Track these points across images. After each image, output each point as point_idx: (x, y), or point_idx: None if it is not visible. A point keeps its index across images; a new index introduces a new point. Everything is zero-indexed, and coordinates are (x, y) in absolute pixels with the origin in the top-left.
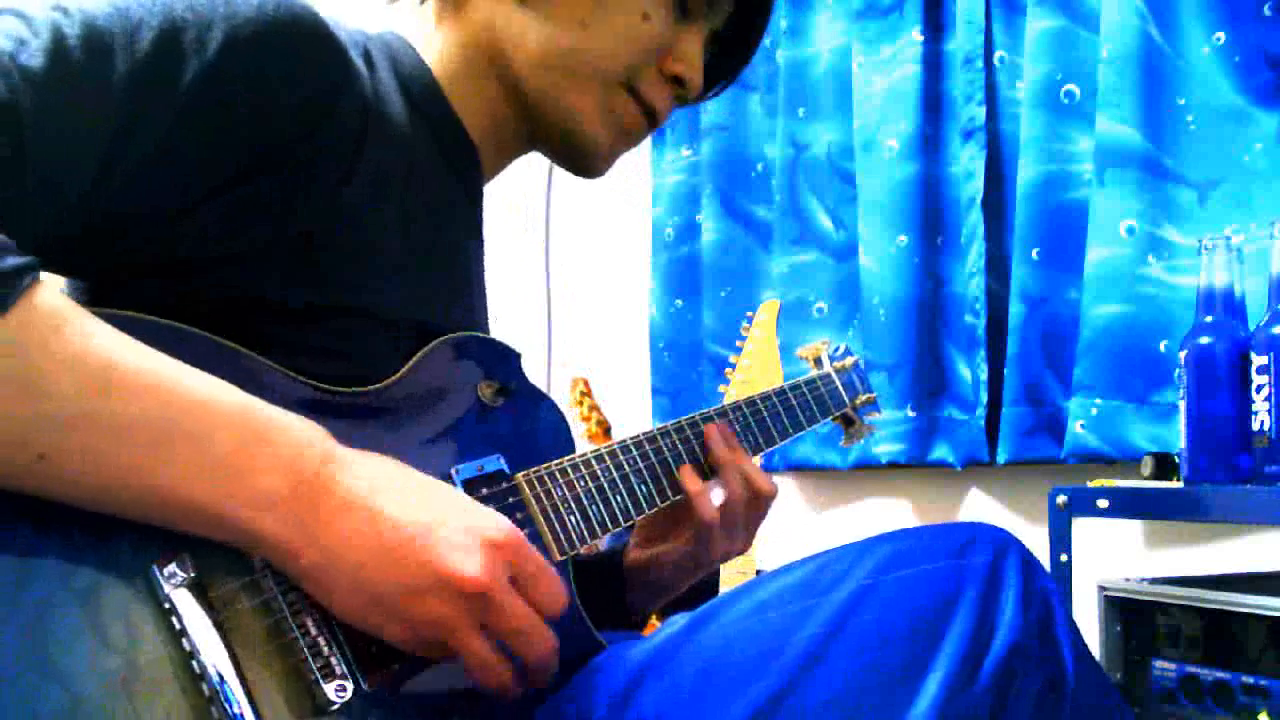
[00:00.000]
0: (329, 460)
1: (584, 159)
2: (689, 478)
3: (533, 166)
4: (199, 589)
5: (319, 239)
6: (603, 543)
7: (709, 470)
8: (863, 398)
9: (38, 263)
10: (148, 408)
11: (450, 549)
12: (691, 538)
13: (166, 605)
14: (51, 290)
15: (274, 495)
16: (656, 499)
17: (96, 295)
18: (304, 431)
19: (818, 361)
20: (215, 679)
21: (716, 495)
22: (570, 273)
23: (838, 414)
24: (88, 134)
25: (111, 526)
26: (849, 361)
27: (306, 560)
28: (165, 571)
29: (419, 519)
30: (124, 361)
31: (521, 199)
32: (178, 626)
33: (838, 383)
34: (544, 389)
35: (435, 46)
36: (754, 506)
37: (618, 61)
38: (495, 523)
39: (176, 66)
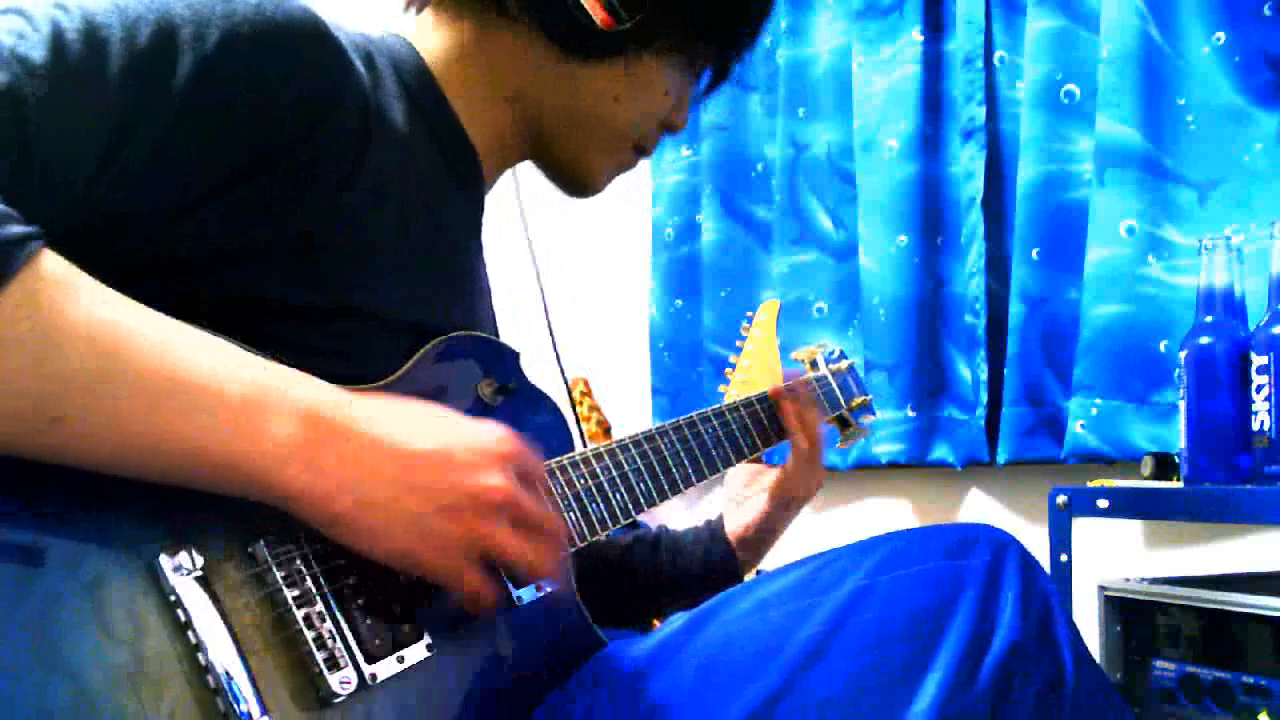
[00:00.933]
0: (340, 403)
1: (579, 190)
2: (790, 415)
3: (533, 167)
4: (204, 581)
5: (319, 239)
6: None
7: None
8: (858, 400)
9: (41, 233)
10: (160, 364)
11: (472, 469)
12: (775, 488)
13: (172, 598)
14: (56, 257)
15: (291, 445)
16: (655, 497)
17: None
18: (312, 382)
19: (813, 364)
20: (221, 671)
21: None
22: (571, 273)
23: (833, 416)
24: (87, 127)
25: (116, 520)
26: (844, 364)
27: (337, 506)
28: (170, 564)
29: (436, 447)
30: (134, 321)
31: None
32: (183, 619)
33: (833, 385)
34: (554, 388)
35: (444, 55)
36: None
37: (637, 132)
38: (498, 436)
39: (173, 63)
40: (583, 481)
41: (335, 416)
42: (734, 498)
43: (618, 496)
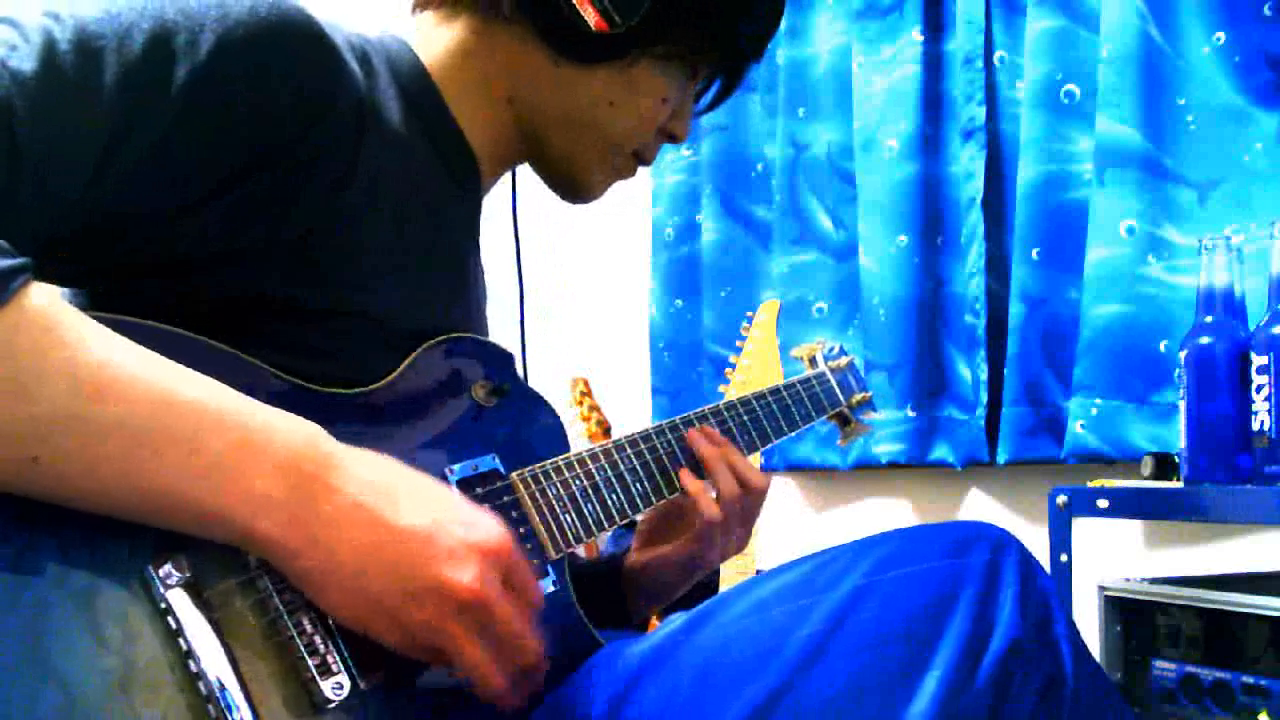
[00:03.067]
0: (327, 461)
1: (574, 196)
2: (688, 478)
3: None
4: (194, 589)
5: (316, 239)
6: (602, 540)
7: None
8: (858, 397)
9: (30, 264)
10: (141, 410)
11: (448, 558)
12: (692, 538)
13: (162, 605)
14: (44, 292)
15: (270, 498)
16: (652, 497)
17: (95, 296)
18: (301, 432)
19: (812, 361)
20: (212, 679)
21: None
22: (571, 273)
23: (833, 413)
24: (81, 137)
25: (107, 528)
26: (844, 361)
27: (304, 562)
28: (161, 572)
29: (416, 525)
30: (117, 363)
31: (520, 198)
32: (174, 626)
33: (833, 382)
34: (540, 388)
35: (441, 56)
36: (747, 501)
37: (634, 139)
38: (489, 528)
39: (168, 69)
40: (578, 483)
41: (319, 472)
42: (645, 523)
43: (613, 497)
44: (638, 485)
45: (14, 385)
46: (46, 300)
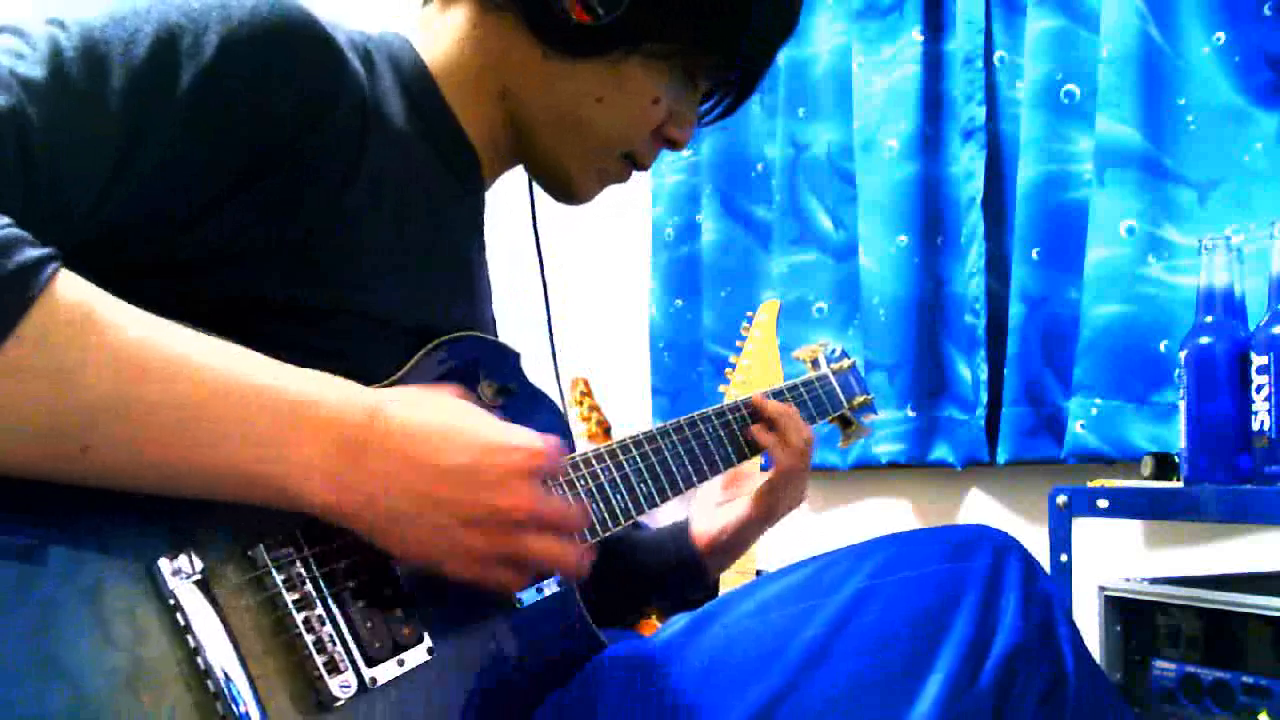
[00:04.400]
0: (369, 416)
1: (565, 197)
2: (762, 432)
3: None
4: (203, 585)
5: (317, 240)
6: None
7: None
8: (860, 399)
9: (58, 254)
10: (184, 390)
11: (498, 485)
12: (766, 492)
13: (171, 602)
14: (74, 279)
15: (318, 462)
16: (656, 498)
17: None
18: (338, 392)
19: (814, 363)
20: (220, 675)
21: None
22: (571, 273)
23: (835, 415)
24: (93, 144)
25: (116, 524)
26: (846, 363)
27: (365, 518)
28: (169, 568)
29: (460, 460)
30: (155, 345)
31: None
32: (182, 623)
33: (835, 384)
34: (552, 389)
35: (441, 51)
36: (807, 449)
37: (623, 140)
38: (523, 446)
39: (174, 73)
40: (584, 483)
41: (361, 431)
42: (708, 499)
43: (618, 498)
44: (642, 486)
45: (56, 375)
46: (78, 287)
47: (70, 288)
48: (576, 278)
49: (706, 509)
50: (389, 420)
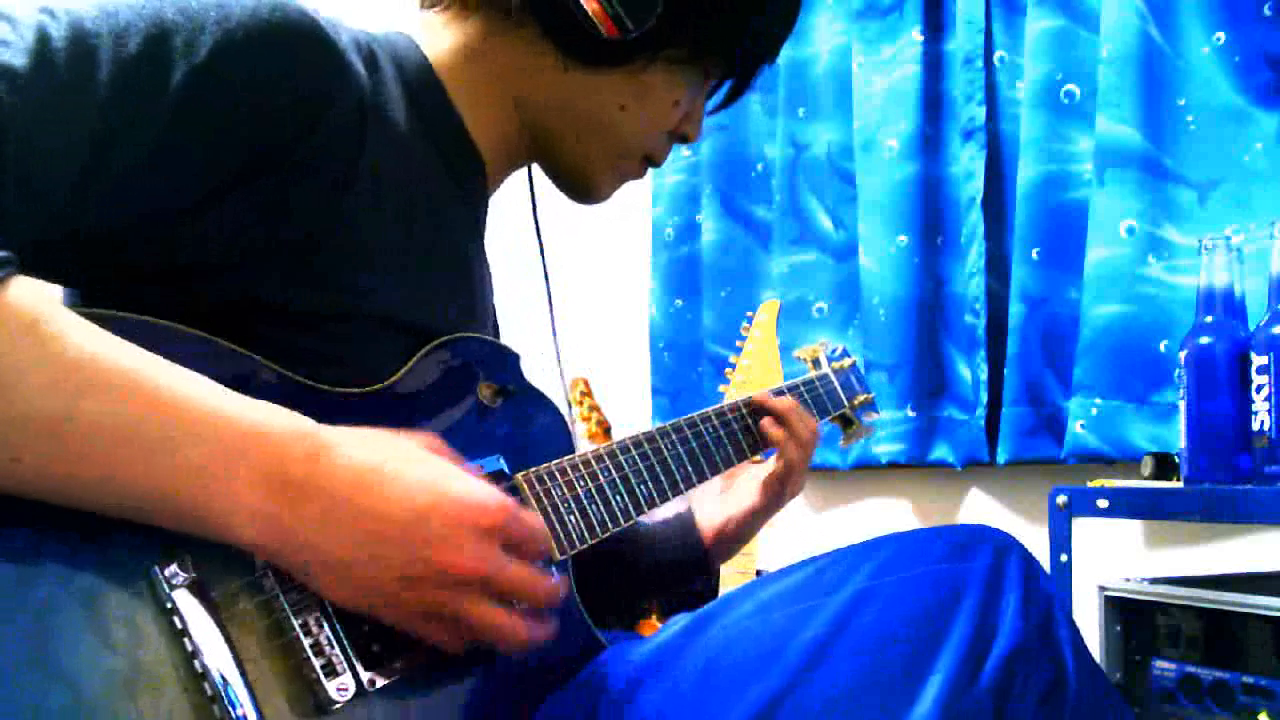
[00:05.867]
0: (312, 459)
1: (583, 197)
2: (772, 426)
3: (532, 167)
4: (200, 589)
5: (317, 241)
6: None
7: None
8: (860, 398)
9: (14, 259)
10: (123, 410)
11: (441, 541)
12: (772, 482)
13: (168, 605)
14: (26, 286)
15: (252, 504)
16: (656, 499)
17: (92, 301)
18: (285, 429)
19: (815, 363)
20: (217, 678)
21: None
22: (571, 273)
23: (835, 414)
24: (70, 136)
25: (113, 527)
26: (847, 362)
27: (295, 560)
28: (166, 572)
29: (404, 512)
30: (98, 360)
31: (520, 198)
32: (179, 626)
33: (835, 383)
34: (554, 389)
35: (450, 55)
36: (812, 444)
37: (644, 143)
38: (481, 502)
39: (164, 71)
40: (583, 484)
41: (301, 474)
42: (710, 491)
43: (617, 499)
44: (642, 487)
45: None
46: (30, 295)
47: (21, 295)
48: (576, 278)
49: (709, 500)
50: (334, 460)
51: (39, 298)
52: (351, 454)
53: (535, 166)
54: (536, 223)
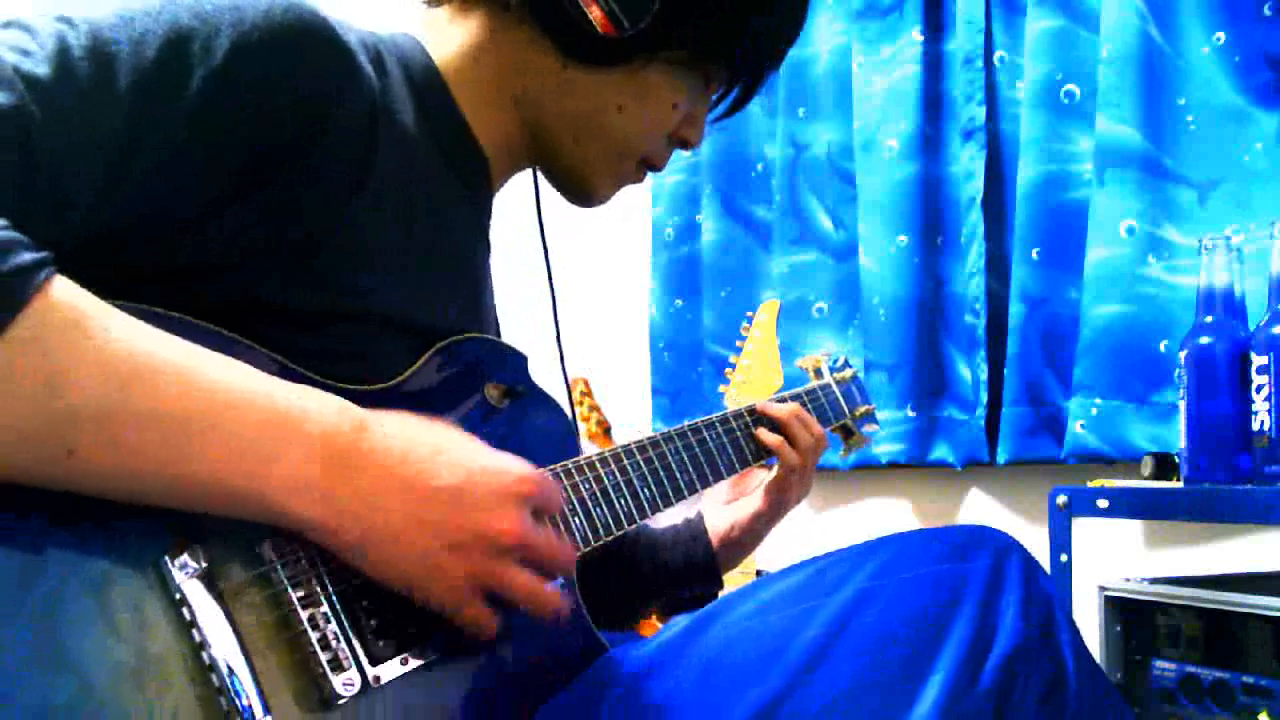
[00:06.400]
0: (358, 435)
1: (581, 199)
2: (767, 435)
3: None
4: (209, 580)
5: (322, 241)
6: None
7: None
8: (862, 409)
9: (52, 259)
10: (171, 399)
11: (483, 508)
12: (774, 488)
13: (177, 596)
14: (68, 284)
15: (305, 478)
16: (660, 503)
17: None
18: (329, 406)
19: (818, 372)
20: (225, 670)
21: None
22: (571, 273)
23: (837, 424)
24: (95, 143)
25: (122, 518)
26: (849, 373)
27: (345, 536)
28: (176, 563)
29: (450, 483)
30: (145, 352)
31: (521, 200)
32: (188, 618)
33: (837, 393)
34: (557, 390)
35: (453, 55)
36: (816, 446)
37: (643, 145)
38: (514, 471)
39: (183, 75)
40: (588, 486)
41: (350, 447)
42: (717, 497)
43: (622, 502)
44: (646, 491)
45: (45, 379)
46: (72, 292)
47: (64, 292)
48: (577, 278)
49: (716, 506)
50: (378, 437)
51: (81, 295)
52: (392, 432)
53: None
54: (541, 225)
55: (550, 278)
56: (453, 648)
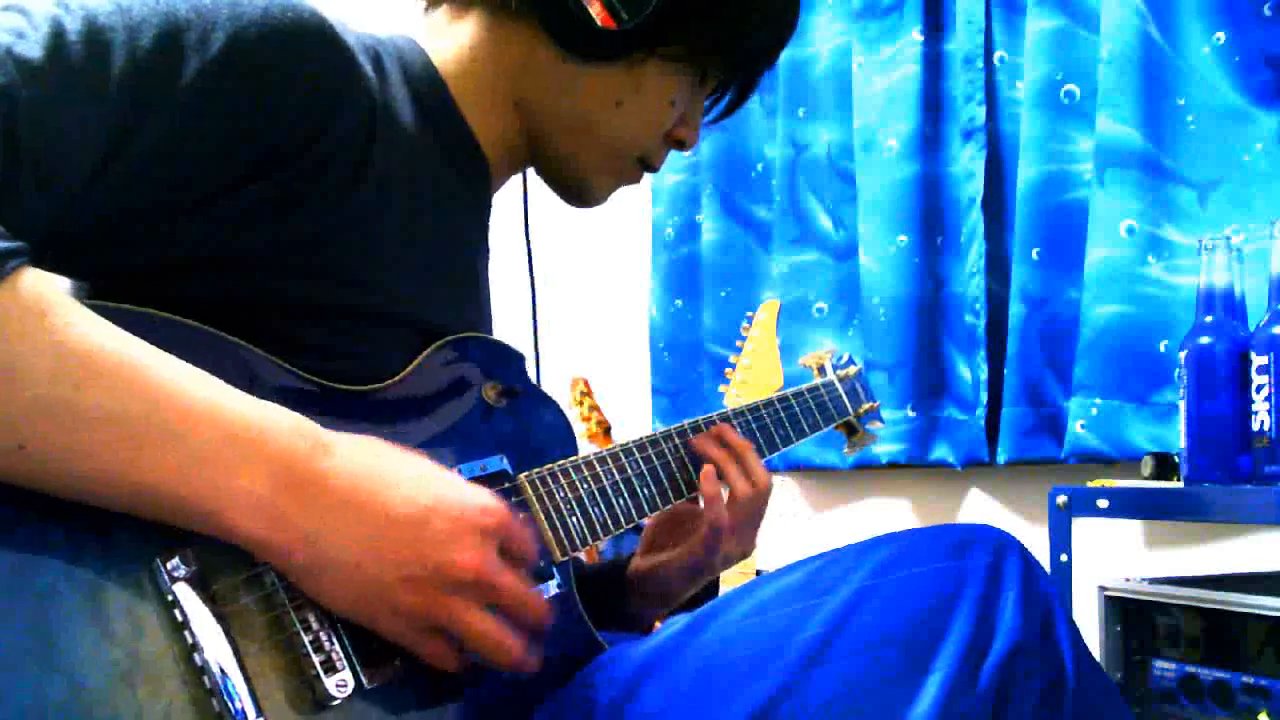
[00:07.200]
0: (316, 453)
1: (578, 200)
2: (709, 481)
3: (527, 172)
4: (201, 583)
5: (323, 239)
6: (602, 544)
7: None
8: (865, 406)
9: (25, 250)
10: (126, 401)
11: (443, 540)
12: (698, 542)
13: (169, 598)
14: (36, 277)
15: (257, 497)
16: (659, 501)
17: (97, 295)
18: (287, 425)
19: (821, 370)
20: (217, 672)
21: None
22: (571, 273)
23: (840, 422)
24: (84, 129)
25: (114, 520)
26: (852, 370)
27: (295, 559)
28: (168, 565)
29: (410, 512)
30: (104, 351)
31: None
32: (180, 619)
33: (840, 391)
34: (557, 389)
35: (452, 55)
36: (758, 503)
37: (639, 143)
38: (482, 504)
39: (177, 66)
40: (585, 486)
41: (307, 469)
42: (650, 529)
43: (620, 501)
44: (645, 490)
45: (3, 369)
46: (40, 285)
47: (31, 284)
48: (576, 278)
49: (647, 544)
50: (338, 460)
51: (47, 288)
52: (351, 454)
53: (530, 171)
54: (526, 226)
55: (532, 276)
56: None
